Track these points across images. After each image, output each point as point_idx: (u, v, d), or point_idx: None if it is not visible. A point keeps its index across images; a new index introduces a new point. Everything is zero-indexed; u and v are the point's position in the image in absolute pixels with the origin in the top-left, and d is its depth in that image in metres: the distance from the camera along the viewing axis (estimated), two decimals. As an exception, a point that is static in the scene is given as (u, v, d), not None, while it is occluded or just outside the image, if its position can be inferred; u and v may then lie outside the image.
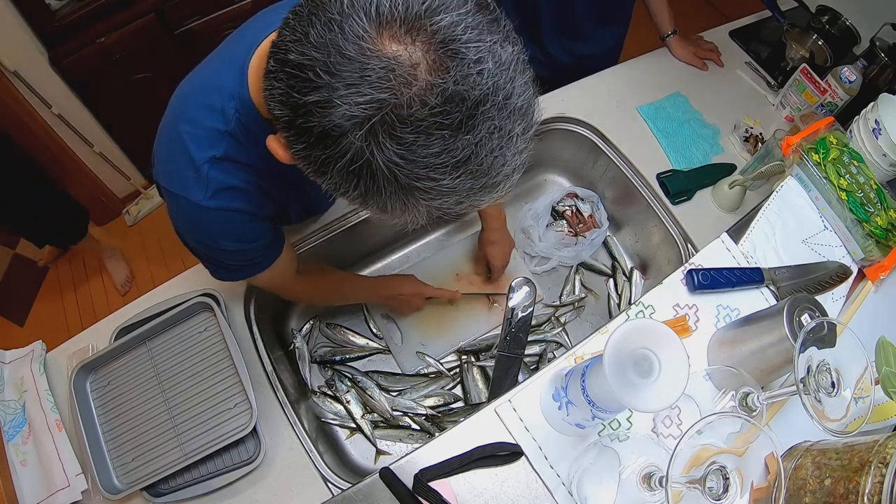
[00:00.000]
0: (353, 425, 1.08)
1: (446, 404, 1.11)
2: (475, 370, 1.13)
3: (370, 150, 0.42)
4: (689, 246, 1.10)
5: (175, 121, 0.63)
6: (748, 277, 0.84)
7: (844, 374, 0.63)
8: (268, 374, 0.96)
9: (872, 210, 0.87)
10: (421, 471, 0.72)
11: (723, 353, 0.79)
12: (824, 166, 0.88)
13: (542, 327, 1.19)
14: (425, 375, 1.15)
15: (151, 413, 0.89)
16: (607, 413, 0.63)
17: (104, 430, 0.89)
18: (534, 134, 0.47)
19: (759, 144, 1.19)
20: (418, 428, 1.09)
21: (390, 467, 0.73)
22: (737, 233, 0.90)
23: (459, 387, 1.14)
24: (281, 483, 0.87)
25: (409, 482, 0.72)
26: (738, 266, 0.87)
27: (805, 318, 0.68)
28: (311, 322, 1.17)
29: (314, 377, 1.13)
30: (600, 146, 1.22)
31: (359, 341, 1.17)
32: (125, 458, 0.87)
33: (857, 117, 0.98)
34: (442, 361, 1.16)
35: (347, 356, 1.14)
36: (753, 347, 0.73)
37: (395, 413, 1.08)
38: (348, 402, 1.07)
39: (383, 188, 0.44)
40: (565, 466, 0.73)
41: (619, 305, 1.23)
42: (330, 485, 0.88)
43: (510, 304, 1.10)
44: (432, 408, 1.10)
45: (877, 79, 1.18)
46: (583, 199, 1.30)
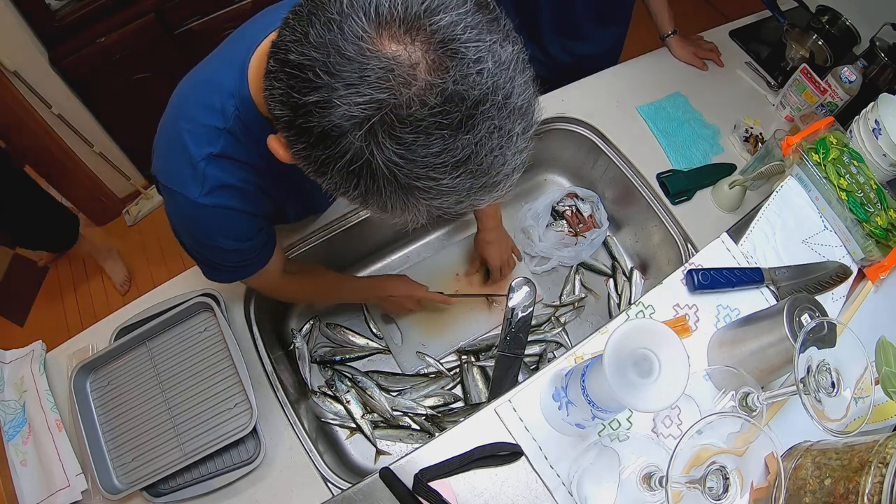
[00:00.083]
0: (353, 425, 1.08)
1: (446, 404, 1.11)
2: (475, 370, 1.13)
3: (370, 150, 0.42)
4: (689, 246, 1.10)
5: (175, 119, 0.63)
6: (748, 277, 0.84)
7: (844, 374, 0.63)
8: (268, 374, 0.96)
9: (872, 210, 0.87)
10: (421, 471, 0.72)
11: (723, 353, 0.79)
12: (824, 166, 0.88)
13: (542, 327, 1.19)
14: (425, 375, 1.15)
15: (151, 413, 0.89)
16: (607, 413, 0.63)
17: (104, 430, 0.89)
18: (534, 133, 0.47)
19: (759, 144, 1.19)
20: (418, 428, 1.09)
21: (390, 467, 0.73)
22: (737, 233, 0.90)
23: (459, 387, 1.14)
24: (281, 483, 0.87)
25: (409, 482, 0.72)
26: (738, 266, 0.87)
27: (805, 318, 0.68)
28: (311, 322, 1.17)
29: (314, 377, 1.13)
30: (600, 146, 1.22)
31: (359, 341, 1.17)
32: (125, 458, 0.87)
33: (857, 117, 0.98)
34: (442, 361, 1.15)
35: (347, 356, 1.14)
36: (753, 347, 0.73)
37: (395, 413, 1.08)
38: (348, 402, 1.07)
39: (383, 188, 0.44)
40: (565, 466, 0.73)
41: (619, 305, 1.23)
42: (330, 485, 0.88)
43: (510, 304, 1.10)
44: (432, 408, 1.10)
45: (877, 79, 1.18)
46: (583, 199, 1.30)
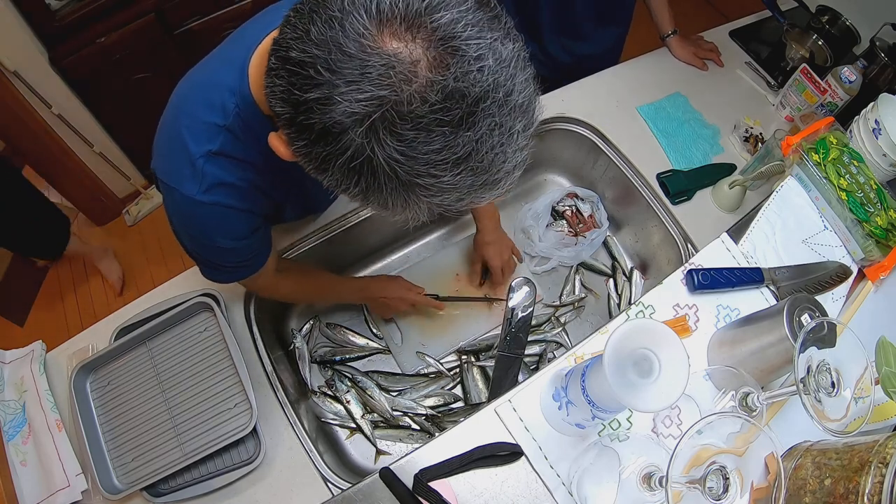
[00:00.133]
0: (353, 425, 1.08)
1: (446, 404, 1.11)
2: (475, 370, 1.12)
3: (371, 147, 0.42)
4: (689, 246, 1.10)
5: (175, 116, 0.63)
6: (748, 277, 0.84)
7: (844, 374, 0.63)
8: (268, 374, 0.96)
9: (872, 210, 0.87)
10: (421, 471, 0.72)
11: (723, 353, 0.79)
12: (824, 166, 0.88)
13: (542, 327, 1.19)
14: (425, 375, 1.14)
15: (151, 413, 0.89)
16: (607, 413, 0.63)
17: (104, 430, 0.89)
18: (534, 132, 0.47)
19: (759, 144, 1.19)
20: (418, 428, 1.09)
21: (390, 467, 0.73)
22: (737, 233, 0.90)
23: (459, 387, 1.13)
24: (281, 483, 0.87)
25: (409, 482, 0.72)
26: (738, 266, 0.87)
27: (805, 318, 0.68)
28: (311, 322, 1.17)
29: (314, 377, 1.13)
30: (600, 146, 1.22)
31: (359, 341, 1.17)
32: (125, 458, 0.87)
33: (857, 117, 0.98)
34: (442, 361, 1.15)
35: (347, 356, 1.14)
36: (753, 347, 0.73)
37: (395, 413, 1.08)
38: (348, 402, 1.07)
39: (384, 185, 0.44)
40: (565, 466, 0.73)
41: (619, 305, 1.22)
42: (330, 485, 0.88)
43: (510, 304, 1.10)
44: (432, 408, 1.10)
45: (877, 79, 1.18)
46: (583, 199, 1.30)
